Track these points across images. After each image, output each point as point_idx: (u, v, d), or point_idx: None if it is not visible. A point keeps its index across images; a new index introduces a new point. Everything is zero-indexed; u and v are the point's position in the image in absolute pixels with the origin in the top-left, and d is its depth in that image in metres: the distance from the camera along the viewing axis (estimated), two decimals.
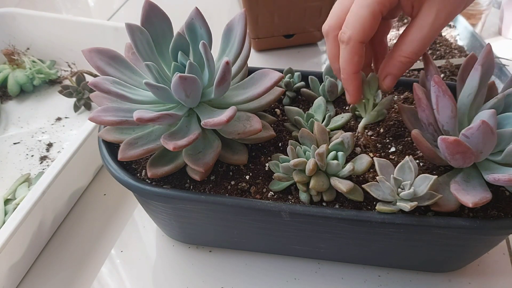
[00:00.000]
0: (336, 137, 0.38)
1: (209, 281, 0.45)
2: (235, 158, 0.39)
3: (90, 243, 0.49)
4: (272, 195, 0.38)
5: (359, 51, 0.35)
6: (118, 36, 0.67)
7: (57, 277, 0.46)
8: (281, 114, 0.46)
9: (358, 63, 0.35)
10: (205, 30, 0.37)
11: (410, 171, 0.35)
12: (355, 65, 0.35)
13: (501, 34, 0.83)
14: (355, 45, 0.34)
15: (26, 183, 0.53)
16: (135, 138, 0.38)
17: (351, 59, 0.35)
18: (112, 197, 0.54)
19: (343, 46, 0.35)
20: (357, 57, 0.35)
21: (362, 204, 0.37)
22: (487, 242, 0.39)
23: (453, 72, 0.60)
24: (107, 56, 0.38)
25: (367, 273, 0.45)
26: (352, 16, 0.34)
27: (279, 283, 0.45)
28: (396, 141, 0.42)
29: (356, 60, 0.35)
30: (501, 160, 0.34)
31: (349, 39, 0.34)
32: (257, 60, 0.77)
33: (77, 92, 0.65)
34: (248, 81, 0.40)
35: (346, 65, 0.36)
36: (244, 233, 0.43)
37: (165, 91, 0.35)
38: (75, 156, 0.49)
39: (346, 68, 0.36)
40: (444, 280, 0.44)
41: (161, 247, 0.48)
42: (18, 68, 0.69)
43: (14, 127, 0.64)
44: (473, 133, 0.31)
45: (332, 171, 0.36)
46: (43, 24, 0.71)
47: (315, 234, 0.40)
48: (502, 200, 0.37)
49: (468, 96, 0.36)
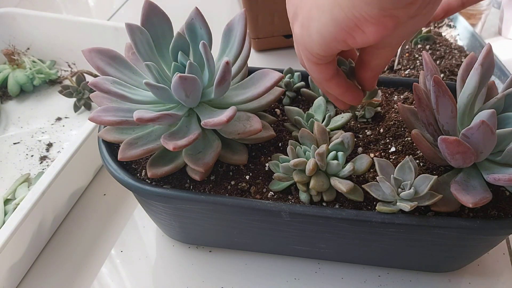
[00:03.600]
0: (336, 137, 0.38)
1: (209, 281, 0.45)
2: (235, 158, 0.39)
3: (90, 243, 0.49)
4: (272, 195, 0.38)
5: (334, 82, 0.34)
6: (118, 36, 0.67)
7: (57, 277, 0.46)
8: (281, 114, 0.46)
9: (339, 87, 0.35)
10: (205, 30, 0.37)
11: (410, 171, 0.35)
12: (337, 89, 0.35)
13: (501, 34, 0.83)
14: (325, 83, 0.34)
15: (26, 183, 0.53)
16: (135, 138, 0.38)
17: (334, 92, 0.35)
18: (112, 197, 0.54)
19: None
20: (336, 87, 0.34)
21: (362, 204, 0.37)
22: (487, 242, 0.39)
23: (453, 72, 0.60)
24: (107, 56, 0.38)
25: (367, 273, 0.45)
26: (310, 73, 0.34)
27: (279, 283, 0.45)
28: (396, 141, 0.42)
29: (336, 90, 0.35)
30: (501, 160, 0.34)
31: (316, 82, 0.35)
32: (257, 60, 0.77)
33: (77, 92, 0.65)
34: (248, 81, 0.40)
35: (338, 95, 0.35)
36: (244, 233, 0.43)
37: (165, 91, 0.35)
38: (75, 156, 0.49)
39: (340, 95, 0.35)
40: (444, 280, 0.44)
41: (161, 247, 0.48)
42: (18, 68, 0.69)
43: (14, 127, 0.64)
44: (473, 133, 0.31)
45: (332, 171, 0.36)
46: (43, 24, 0.71)
47: (315, 234, 0.40)
48: (502, 200, 0.37)
49: (468, 96, 0.36)
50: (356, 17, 0.24)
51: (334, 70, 0.33)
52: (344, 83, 0.34)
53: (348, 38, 0.26)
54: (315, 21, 0.27)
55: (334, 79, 0.33)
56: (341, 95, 0.34)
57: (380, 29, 0.25)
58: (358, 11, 0.24)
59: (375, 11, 0.24)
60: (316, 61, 0.31)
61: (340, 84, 0.34)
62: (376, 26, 0.24)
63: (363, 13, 0.24)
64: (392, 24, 0.24)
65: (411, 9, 0.24)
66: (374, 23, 0.24)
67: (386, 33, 0.25)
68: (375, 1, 0.23)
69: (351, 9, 0.24)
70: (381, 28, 0.24)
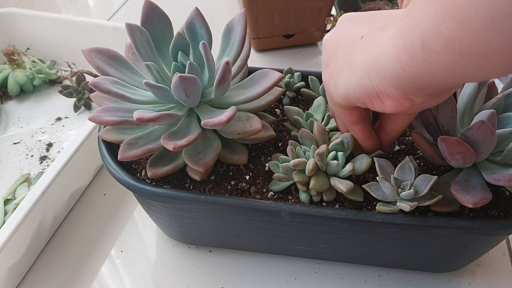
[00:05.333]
0: (336, 137, 0.38)
1: (209, 281, 0.45)
2: (235, 158, 0.39)
3: (90, 243, 0.49)
4: (272, 195, 0.38)
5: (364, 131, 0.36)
6: (118, 36, 0.67)
7: (57, 277, 0.46)
8: (281, 114, 0.46)
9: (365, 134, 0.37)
10: (205, 30, 0.37)
11: (410, 171, 0.35)
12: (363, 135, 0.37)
13: None
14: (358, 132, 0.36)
15: (26, 183, 0.53)
16: (135, 138, 0.38)
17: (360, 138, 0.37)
18: (112, 197, 0.54)
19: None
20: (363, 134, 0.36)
21: (362, 204, 0.37)
22: (487, 242, 0.39)
23: None
24: (107, 56, 0.38)
25: (367, 273, 0.45)
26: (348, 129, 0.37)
27: (279, 283, 0.45)
28: (399, 140, 0.42)
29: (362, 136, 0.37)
30: (501, 160, 0.34)
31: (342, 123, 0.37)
32: (257, 60, 0.77)
33: (77, 92, 0.65)
34: (248, 81, 0.40)
35: (362, 141, 0.37)
36: (244, 233, 0.43)
37: (165, 91, 0.35)
38: (75, 156, 0.49)
39: (361, 140, 0.37)
40: (444, 280, 0.44)
41: (161, 247, 0.48)
42: (18, 68, 0.69)
43: (14, 127, 0.64)
44: (473, 133, 0.31)
45: (332, 171, 0.36)
46: (43, 24, 0.71)
47: (315, 234, 0.40)
48: (502, 200, 0.37)
49: (468, 96, 0.36)
50: (380, 90, 0.28)
51: (359, 116, 0.35)
52: (367, 130, 0.36)
53: (368, 102, 0.29)
54: (344, 78, 0.31)
55: (359, 124, 0.35)
56: (362, 140, 0.37)
57: (397, 105, 0.28)
58: (383, 87, 0.27)
59: (397, 92, 0.27)
60: (339, 106, 0.34)
61: (364, 131, 0.36)
62: (394, 103, 0.28)
63: (387, 90, 0.27)
64: (408, 104, 0.28)
65: (427, 98, 0.28)
66: (393, 100, 0.28)
67: (401, 110, 0.28)
68: (399, 87, 0.26)
69: (378, 84, 0.27)
70: (398, 105, 0.28)
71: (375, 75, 0.27)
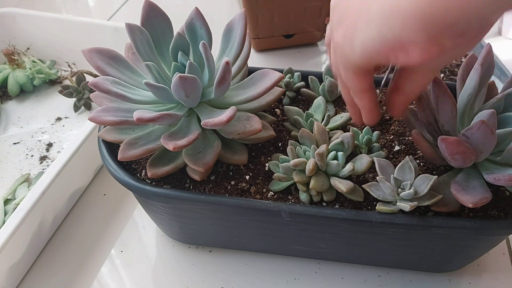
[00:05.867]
0: (336, 137, 0.38)
1: (209, 281, 0.45)
2: (235, 158, 0.39)
3: (90, 243, 0.49)
4: (272, 195, 0.38)
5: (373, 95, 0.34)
6: (118, 36, 0.67)
7: (57, 277, 0.46)
8: (281, 114, 0.46)
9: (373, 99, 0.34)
10: (205, 30, 0.37)
11: (410, 171, 0.35)
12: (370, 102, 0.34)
13: (501, 34, 0.83)
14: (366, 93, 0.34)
15: (26, 183, 0.53)
16: (135, 138, 0.38)
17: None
18: (112, 197, 0.54)
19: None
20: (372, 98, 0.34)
21: (362, 204, 0.37)
22: (487, 242, 0.39)
23: (453, 72, 0.60)
24: (107, 56, 0.38)
25: (367, 273, 0.45)
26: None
27: (279, 283, 0.45)
28: (399, 140, 0.42)
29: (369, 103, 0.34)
30: (501, 160, 0.34)
31: (352, 92, 0.34)
32: (257, 60, 0.77)
33: (77, 92, 0.65)
34: (248, 81, 0.40)
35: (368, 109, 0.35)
36: (244, 233, 0.43)
37: (165, 91, 0.35)
38: (75, 156, 0.49)
39: (368, 109, 0.35)
40: (444, 280, 0.44)
41: (161, 247, 0.48)
42: (18, 68, 0.69)
43: (14, 127, 0.64)
44: (473, 133, 0.31)
45: (332, 171, 0.36)
46: (43, 24, 0.71)
47: (315, 234, 0.40)
48: (502, 200, 0.37)
49: (468, 96, 0.36)
50: (403, 38, 0.24)
51: (371, 83, 0.33)
52: (375, 99, 0.34)
53: (391, 55, 0.26)
54: (361, 33, 0.27)
55: (369, 92, 0.33)
56: (369, 110, 0.34)
57: (424, 54, 0.25)
58: (407, 34, 0.24)
59: (423, 36, 0.24)
60: (354, 71, 0.31)
61: (372, 99, 0.34)
62: (421, 51, 0.25)
63: (411, 37, 0.24)
64: (436, 51, 0.24)
65: (459, 40, 0.24)
66: (420, 48, 0.24)
67: (428, 59, 0.25)
68: (425, 29, 0.23)
69: (400, 31, 0.24)
70: (425, 53, 0.25)
71: (395, 21, 0.24)
